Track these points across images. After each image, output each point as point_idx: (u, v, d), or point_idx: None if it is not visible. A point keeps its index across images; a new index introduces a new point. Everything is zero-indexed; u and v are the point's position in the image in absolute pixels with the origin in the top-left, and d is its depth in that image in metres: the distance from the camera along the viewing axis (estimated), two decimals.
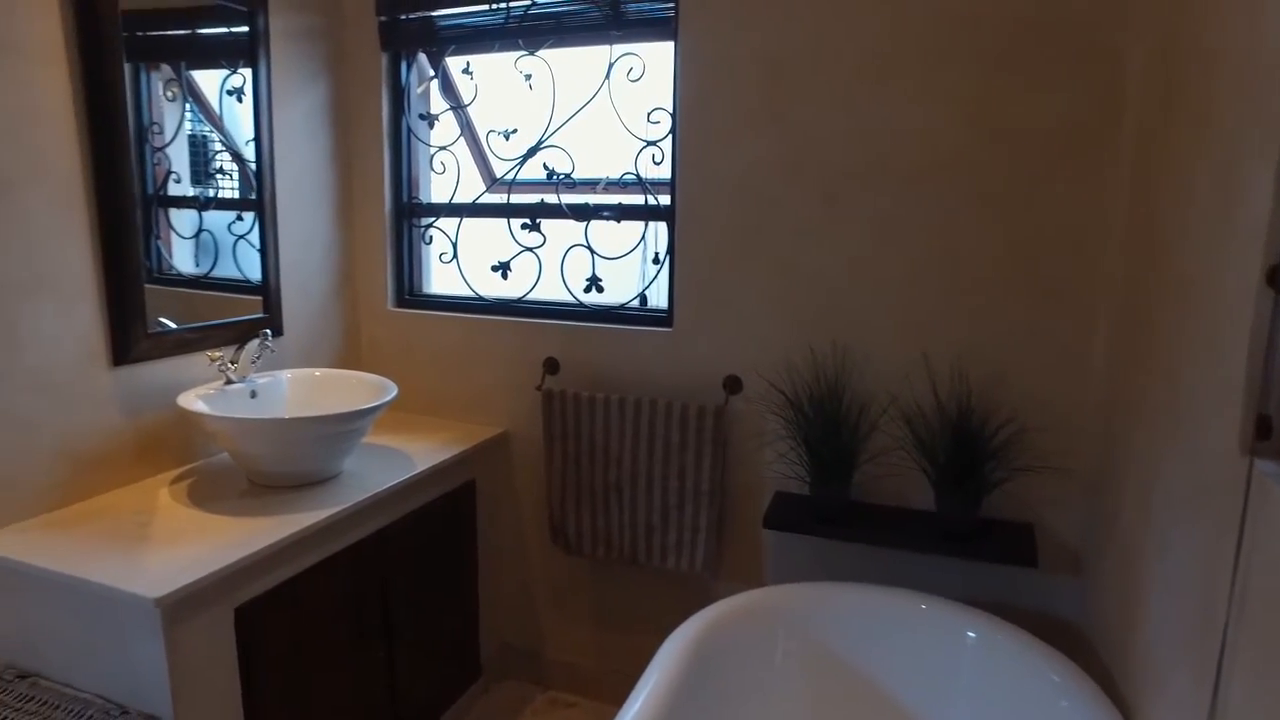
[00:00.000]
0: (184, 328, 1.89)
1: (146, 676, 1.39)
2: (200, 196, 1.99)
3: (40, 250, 1.57)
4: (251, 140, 2.05)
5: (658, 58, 2.04)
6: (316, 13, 2.22)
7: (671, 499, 2.03)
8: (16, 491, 1.57)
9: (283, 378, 2.03)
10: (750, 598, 1.74)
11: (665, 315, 2.09)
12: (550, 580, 2.33)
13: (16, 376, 1.55)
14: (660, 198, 2.10)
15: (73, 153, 1.62)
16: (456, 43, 2.26)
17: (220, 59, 2.01)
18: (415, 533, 1.97)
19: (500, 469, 2.32)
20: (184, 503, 1.70)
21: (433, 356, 2.35)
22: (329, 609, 1.72)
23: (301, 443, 1.75)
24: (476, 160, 2.40)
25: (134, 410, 1.77)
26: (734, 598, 1.73)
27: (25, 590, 1.49)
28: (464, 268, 2.34)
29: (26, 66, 1.53)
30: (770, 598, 1.75)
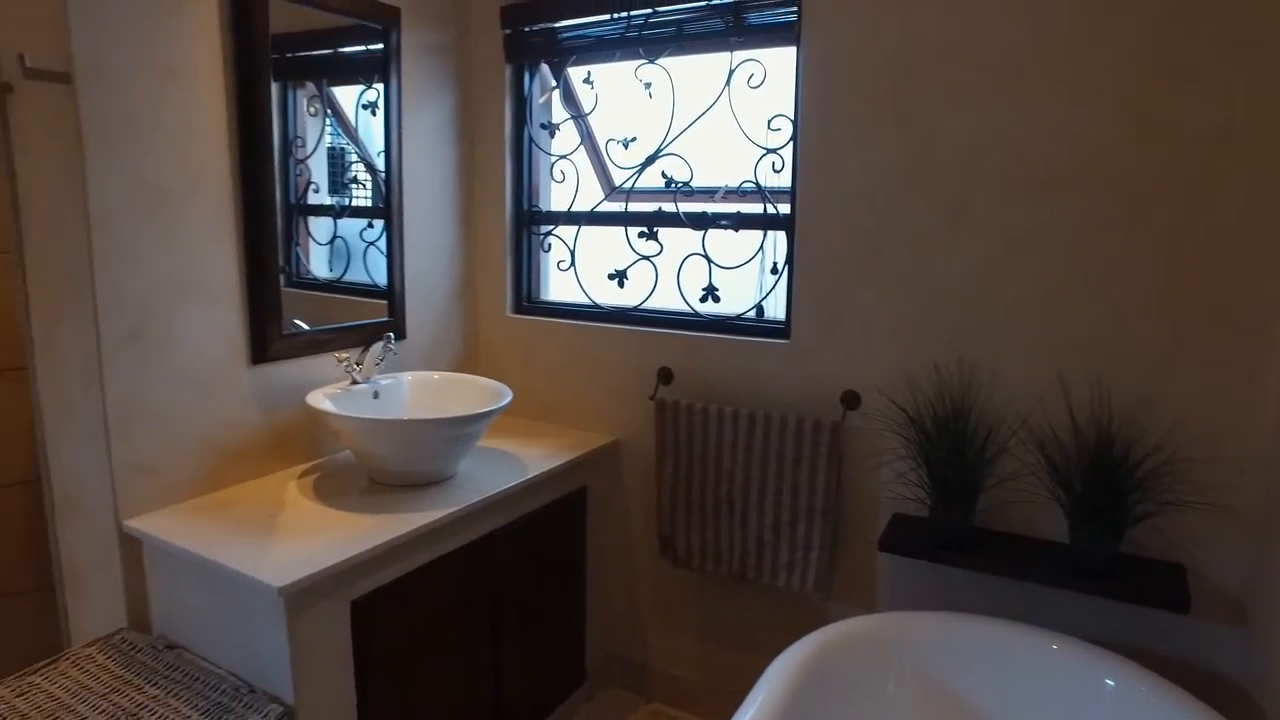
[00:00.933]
0: (315, 329, 1.99)
1: (271, 660, 1.46)
2: (336, 205, 2.10)
3: (194, 257, 1.70)
4: (383, 151, 2.14)
5: (779, 63, 2.00)
6: (445, 29, 2.30)
7: (784, 515, 1.97)
8: (167, 478, 1.69)
9: (404, 380, 2.10)
10: (864, 623, 1.67)
11: (782, 326, 2.04)
12: (657, 591, 2.31)
13: (170, 373, 1.67)
14: (779, 206, 2.05)
15: (224, 166, 1.74)
16: (578, 53, 2.29)
17: (357, 75, 2.11)
18: (526, 537, 1.99)
19: (611, 477, 2.32)
20: (309, 497, 1.78)
21: (548, 363, 2.39)
22: (440, 607, 1.76)
23: (419, 443, 1.80)
24: (596, 169, 2.42)
25: (268, 407, 1.88)
26: (847, 621, 1.66)
27: (174, 569, 1.61)
28: (581, 275, 2.37)
29: (188, 88, 1.66)
30: (886, 624, 1.67)
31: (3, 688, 1.47)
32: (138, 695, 1.47)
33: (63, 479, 1.76)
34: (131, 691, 1.48)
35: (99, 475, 1.63)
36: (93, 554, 1.73)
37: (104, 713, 1.41)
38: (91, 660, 1.57)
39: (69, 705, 1.43)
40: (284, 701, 1.46)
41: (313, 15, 1.91)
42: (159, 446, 1.67)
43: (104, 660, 1.57)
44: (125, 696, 1.46)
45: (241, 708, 1.44)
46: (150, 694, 1.47)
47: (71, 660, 1.56)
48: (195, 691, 1.48)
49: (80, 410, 1.64)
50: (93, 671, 1.53)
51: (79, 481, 1.71)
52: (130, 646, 1.61)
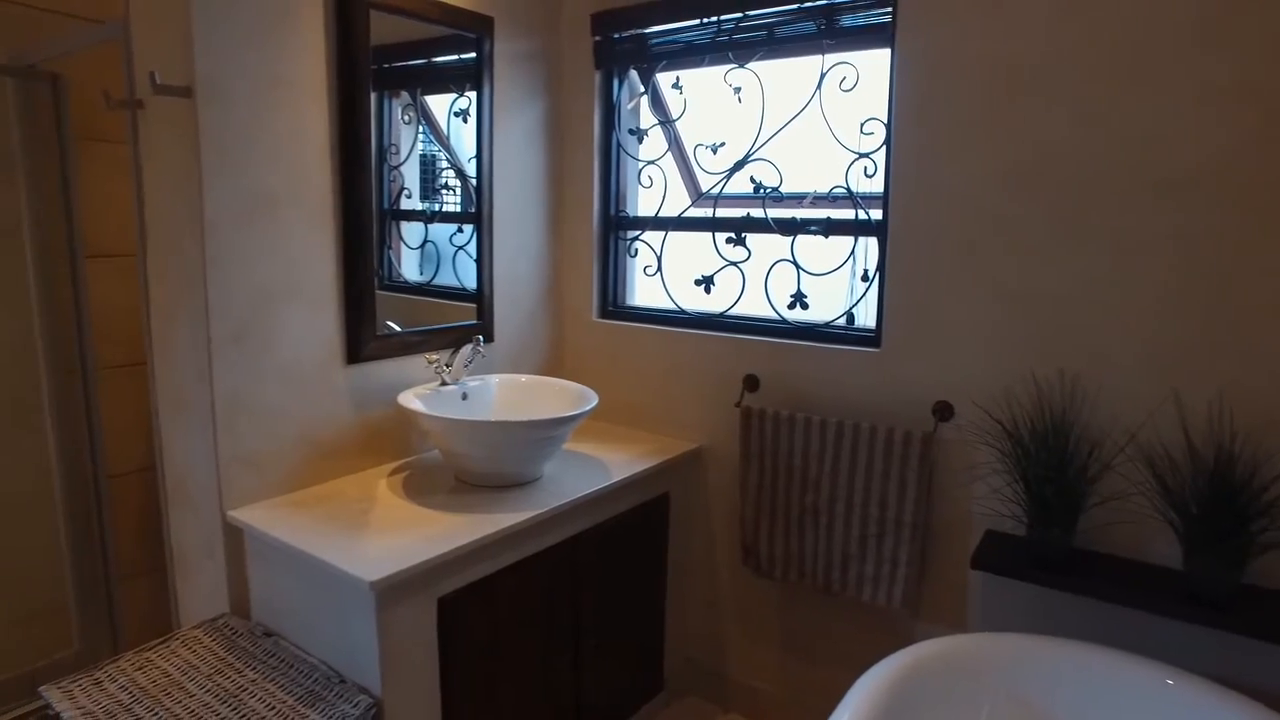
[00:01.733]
0: (407, 331, 2.04)
1: (361, 652, 1.51)
2: (427, 210, 2.16)
3: (297, 260, 1.77)
4: (474, 158, 2.19)
5: (872, 66, 1.95)
6: (535, 36, 2.34)
7: (871, 528, 1.92)
8: (267, 472, 1.77)
9: (491, 382, 2.14)
10: (957, 643, 1.60)
11: (873, 335, 1.99)
12: (738, 600, 2.29)
13: (272, 371, 1.75)
14: (871, 212, 2.00)
15: (326, 174, 1.82)
16: (667, 58, 2.29)
17: (450, 84, 2.17)
18: (608, 541, 2.00)
19: (694, 484, 2.31)
20: (399, 494, 1.83)
21: (633, 368, 2.39)
22: (522, 609, 1.78)
23: (506, 445, 1.83)
24: (683, 174, 2.42)
25: (361, 405, 1.95)
26: (937, 641, 1.60)
27: (272, 559, 1.68)
28: (667, 281, 2.36)
29: (297, 98, 1.74)
30: (979, 646, 1.60)
31: (125, 661, 1.57)
32: (238, 678, 1.54)
33: (174, 469, 1.86)
34: (233, 674, 1.55)
35: (206, 467, 1.72)
36: (200, 541, 1.82)
37: (210, 692, 1.48)
38: (199, 642, 1.65)
39: (179, 682, 1.51)
40: (372, 693, 1.50)
41: (409, 26, 1.97)
42: (261, 441, 1.75)
43: (209, 643, 1.65)
44: (228, 678, 1.53)
45: (333, 696, 1.49)
46: (250, 677, 1.54)
47: (181, 640, 1.65)
48: (290, 678, 1.54)
49: (191, 405, 1.73)
50: (199, 652, 1.61)
51: (189, 472, 1.81)
52: (232, 631, 1.69)
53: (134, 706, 1.44)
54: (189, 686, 1.50)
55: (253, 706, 1.45)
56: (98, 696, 1.47)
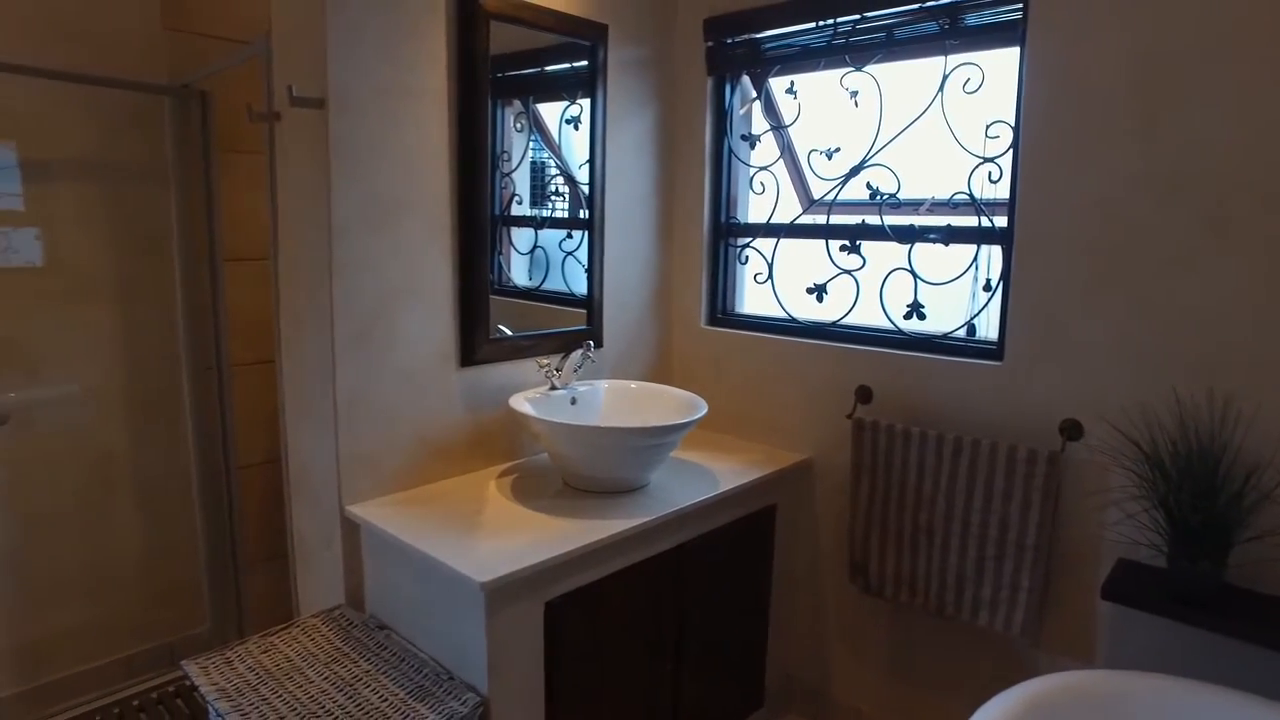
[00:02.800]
0: (518, 335, 2.08)
1: (469, 650, 1.54)
2: (536, 216, 2.19)
3: (416, 264, 1.83)
4: (584, 164, 2.22)
5: (999, 66, 1.86)
6: (648, 43, 2.35)
7: (989, 550, 1.83)
8: (383, 470, 1.83)
9: (600, 387, 2.16)
10: (1087, 679, 1.49)
11: (995, 347, 1.89)
12: (844, 618, 2.21)
13: (390, 372, 1.81)
14: (996, 219, 1.90)
15: (445, 180, 1.87)
16: (781, 63, 2.25)
17: (562, 92, 2.20)
18: (713, 552, 1.97)
19: (802, 496, 2.26)
20: (507, 496, 1.86)
21: (741, 376, 2.36)
22: (626, 617, 1.78)
23: (615, 451, 1.84)
24: (794, 180, 2.37)
25: (474, 407, 1.99)
26: (1065, 675, 1.50)
27: (386, 555, 1.74)
28: (778, 289, 2.32)
29: (420, 108, 1.80)
30: (1113, 684, 1.49)
31: (252, 644, 1.65)
32: (353, 668, 1.59)
33: (297, 463, 1.95)
34: (348, 664, 1.60)
35: (327, 462, 1.79)
36: (319, 534, 1.90)
37: (327, 679, 1.54)
38: (317, 630, 1.72)
39: (299, 668, 1.58)
40: (479, 692, 1.52)
41: (525, 36, 2.01)
42: (378, 439, 1.81)
43: (327, 632, 1.72)
44: (343, 667, 1.59)
45: (441, 693, 1.52)
46: (364, 668, 1.59)
47: (301, 628, 1.72)
48: (401, 671, 1.59)
49: (315, 402, 1.81)
50: (318, 640, 1.68)
51: (310, 466, 1.89)
52: (347, 622, 1.75)
53: (260, 687, 1.51)
54: (308, 672, 1.57)
55: (366, 696, 1.50)
56: (229, 674, 1.55)
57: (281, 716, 1.43)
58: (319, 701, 1.48)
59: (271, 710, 1.45)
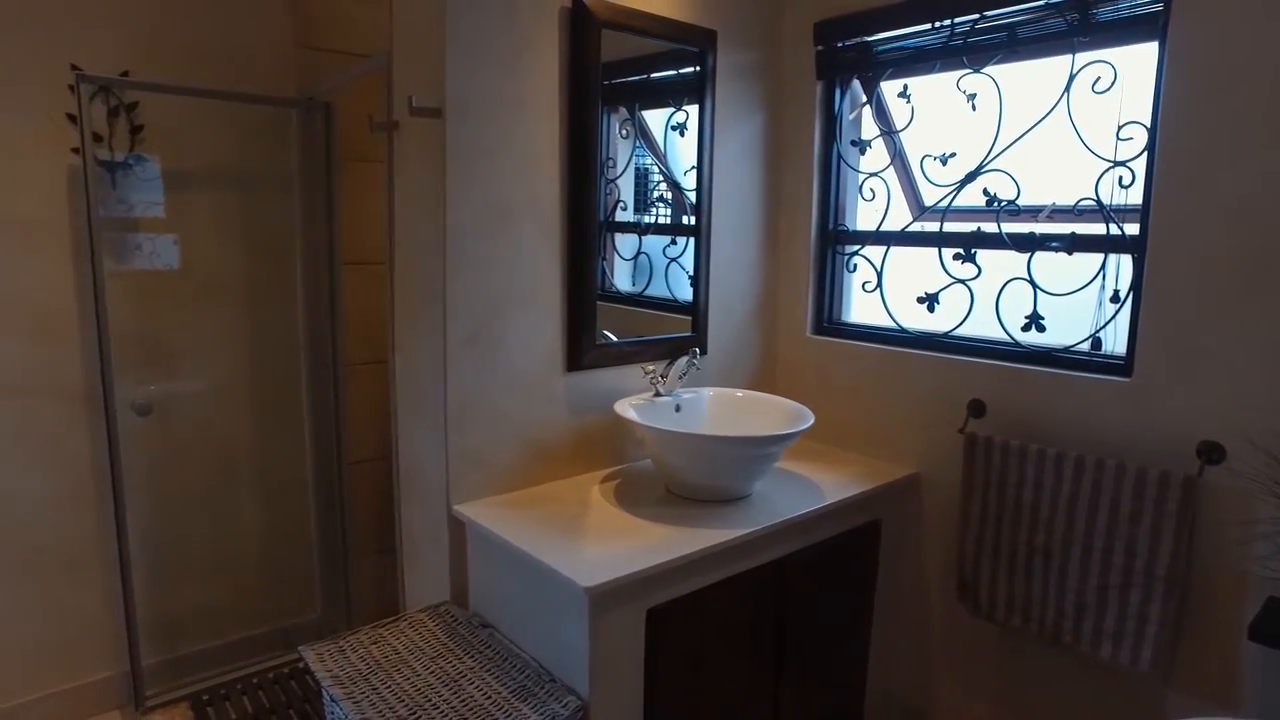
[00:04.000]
0: (623, 341, 2.09)
1: (571, 654, 1.55)
2: (641, 222, 2.20)
3: (527, 270, 1.87)
4: (689, 170, 2.21)
5: (1134, 64, 1.75)
6: (756, 48, 2.33)
7: (1113, 578, 1.72)
8: (490, 471, 1.86)
9: (704, 394, 2.14)
10: None
11: (1123, 362, 1.79)
12: (951, 641, 2.13)
13: (499, 375, 1.85)
14: (1126, 226, 1.80)
15: (556, 188, 1.90)
16: (893, 66, 2.19)
17: (667, 98, 2.20)
18: (816, 566, 1.93)
19: (908, 512, 2.18)
20: (611, 501, 1.87)
21: (847, 387, 2.31)
22: (728, 627, 1.75)
23: (721, 459, 1.82)
24: (904, 187, 2.30)
25: (579, 412, 2.01)
26: None
27: (491, 555, 1.77)
28: (888, 298, 2.26)
29: (534, 117, 1.84)
30: None
31: (363, 635, 1.71)
32: (458, 664, 1.62)
33: (407, 462, 2.02)
34: (453, 659, 1.64)
35: (436, 461, 1.84)
36: (426, 531, 1.96)
37: (433, 673, 1.58)
38: (424, 625, 1.77)
39: (407, 660, 1.62)
40: (580, 695, 1.53)
41: (630, 44, 2.01)
42: (486, 441, 1.85)
43: (433, 627, 1.76)
44: (448, 663, 1.63)
45: (543, 694, 1.53)
46: (468, 664, 1.62)
47: (409, 622, 1.77)
48: (504, 670, 1.61)
49: (426, 403, 1.86)
50: (425, 635, 1.72)
51: (420, 465, 1.95)
52: (452, 619, 1.80)
53: (370, 677, 1.56)
54: (415, 665, 1.61)
55: (471, 693, 1.53)
56: (341, 663, 1.61)
57: (390, 707, 1.47)
58: (425, 695, 1.51)
59: (381, 700, 1.49)
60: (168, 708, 2.37)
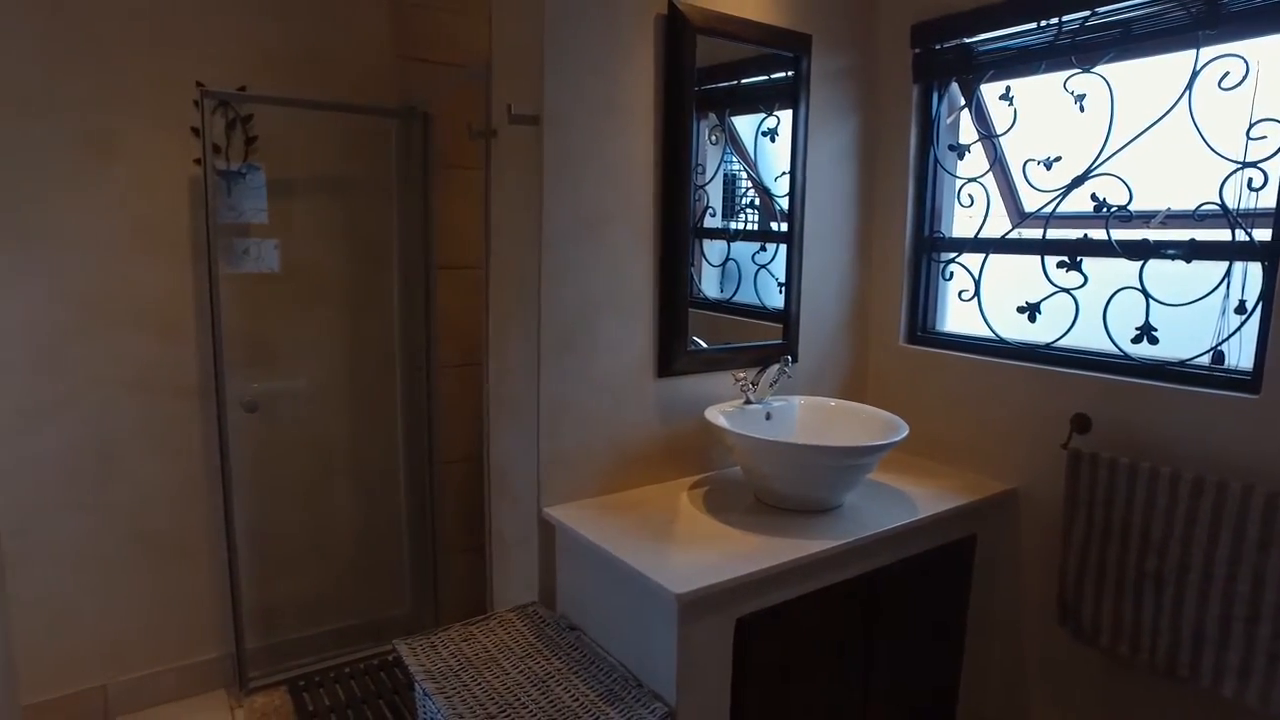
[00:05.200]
0: (713, 348, 2.08)
1: (658, 660, 1.54)
2: (729, 229, 2.18)
3: (620, 275, 1.88)
4: (780, 176, 2.19)
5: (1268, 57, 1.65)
6: (851, 52, 2.29)
7: (1238, 609, 1.61)
8: (579, 474, 1.88)
9: (794, 403, 2.11)
10: None
11: (1249, 378, 1.68)
12: (1050, 666, 2.03)
13: (590, 379, 1.86)
14: (1255, 232, 1.69)
15: (649, 193, 1.91)
16: (995, 67, 2.12)
17: (758, 104, 2.18)
18: (907, 580, 1.88)
19: (1005, 528, 2.10)
20: (700, 508, 1.86)
21: (941, 398, 2.24)
22: (816, 639, 1.72)
23: (813, 469, 1.79)
24: (1003, 192, 2.22)
25: (668, 418, 2.01)
26: None
27: (580, 557, 1.78)
28: (985, 307, 2.18)
29: (627, 122, 1.85)
30: None
31: (454, 632, 1.75)
32: (546, 664, 1.64)
33: (499, 463, 2.05)
34: (541, 660, 1.66)
35: (528, 464, 1.87)
36: (516, 532, 1.98)
37: (522, 672, 1.60)
38: (512, 624, 1.79)
39: (496, 659, 1.65)
40: (666, 702, 1.52)
41: (721, 50, 2.00)
42: (576, 445, 1.86)
43: (521, 627, 1.78)
44: (536, 663, 1.64)
45: (630, 699, 1.53)
46: (556, 665, 1.64)
47: (498, 621, 1.80)
48: (591, 673, 1.62)
49: (519, 405, 1.89)
50: (514, 634, 1.75)
51: (511, 467, 1.98)
52: (540, 620, 1.82)
53: (461, 673, 1.59)
54: (504, 664, 1.63)
55: (558, 694, 1.54)
56: (434, 658, 1.64)
57: (481, 704, 1.50)
58: (514, 694, 1.53)
59: (471, 697, 1.52)
60: (268, 690, 2.47)
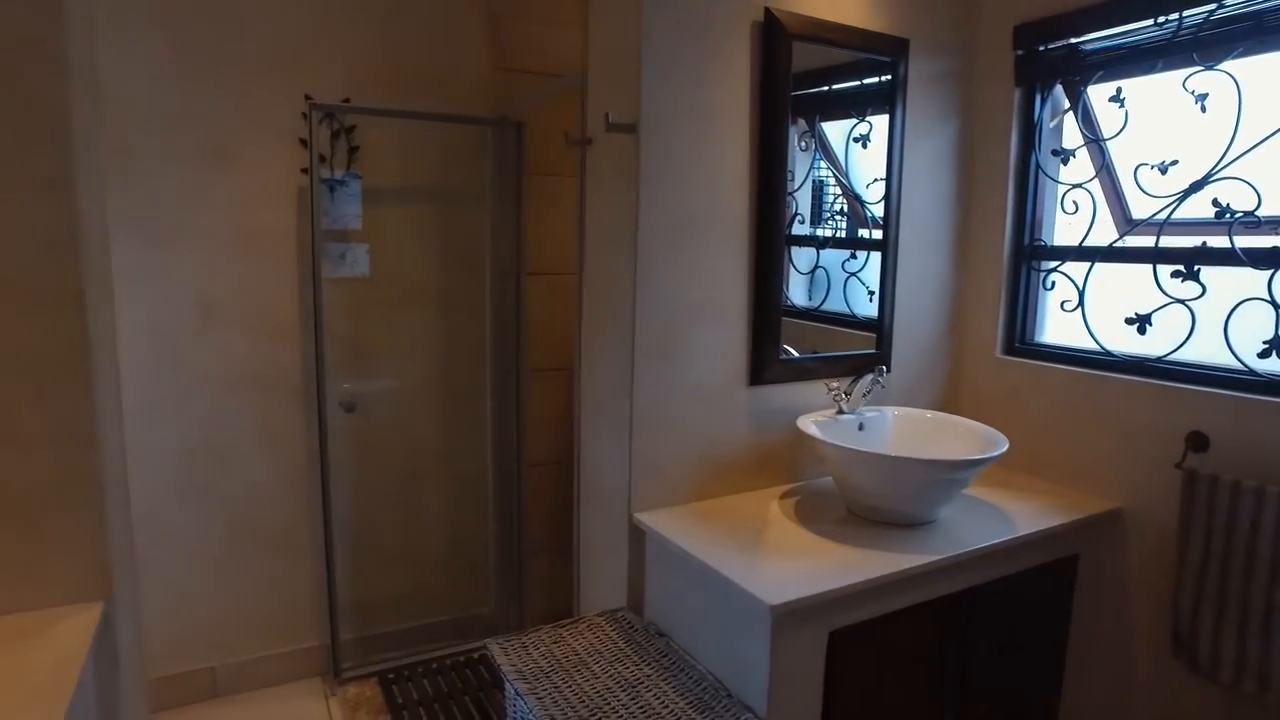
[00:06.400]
0: (805, 357, 2.06)
1: (750, 671, 1.53)
2: (818, 236, 2.15)
3: (713, 282, 1.88)
4: (872, 183, 2.15)
5: None
6: (950, 56, 2.23)
7: None
8: (669, 481, 1.88)
9: (887, 414, 2.07)
10: None
11: None
12: (1159, 697, 1.93)
13: (683, 386, 1.87)
14: None
15: (743, 200, 1.91)
16: (1105, 68, 2.04)
17: (850, 110, 2.15)
18: (1004, 600, 1.82)
19: (1111, 550, 2.01)
20: (790, 518, 1.84)
21: (1041, 412, 2.16)
22: (908, 659, 1.68)
23: (908, 482, 1.75)
24: (1109, 199, 2.13)
25: (759, 426, 1.99)
26: None
27: (670, 564, 1.78)
28: (1090, 318, 2.09)
29: (722, 129, 1.85)
30: None
31: (544, 633, 1.77)
32: (635, 670, 1.65)
33: (589, 468, 2.07)
34: (630, 665, 1.66)
35: (618, 469, 1.88)
36: (605, 537, 2.00)
37: (611, 677, 1.61)
38: (601, 629, 1.81)
39: (585, 662, 1.66)
40: (757, 713, 1.51)
41: (812, 56, 1.97)
42: (667, 452, 1.87)
43: (610, 631, 1.80)
44: (626, 668, 1.65)
45: (720, 708, 1.52)
46: (645, 672, 1.64)
47: (587, 625, 1.82)
48: (681, 681, 1.62)
49: (610, 411, 1.91)
50: (602, 639, 1.76)
51: (601, 472, 1.99)
52: (629, 626, 1.82)
53: (551, 675, 1.62)
54: (594, 668, 1.65)
55: (648, 700, 1.54)
56: (525, 659, 1.67)
57: (572, 706, 1.51)
58: (604, 698, 1.54)
59: (562, 698, 1.54)
60: (360, 681, 2.56)
